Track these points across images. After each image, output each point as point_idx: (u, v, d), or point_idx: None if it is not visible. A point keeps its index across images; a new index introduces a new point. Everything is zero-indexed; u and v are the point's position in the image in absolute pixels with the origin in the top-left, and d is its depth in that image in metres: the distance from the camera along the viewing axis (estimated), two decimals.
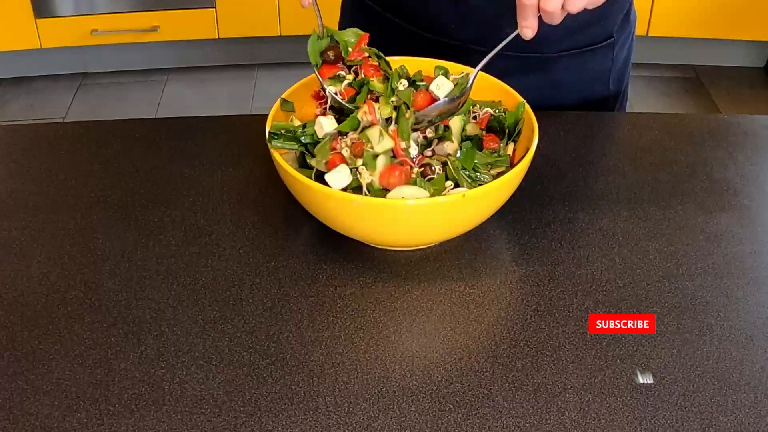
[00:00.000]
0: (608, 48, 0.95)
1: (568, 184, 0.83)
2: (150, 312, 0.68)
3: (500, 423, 0.59)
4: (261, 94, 2.58)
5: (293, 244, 0.75)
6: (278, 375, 0.62)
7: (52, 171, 0.85)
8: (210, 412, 0.60)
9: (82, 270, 0.72)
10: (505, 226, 0.77)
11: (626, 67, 1.01)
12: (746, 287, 0.71)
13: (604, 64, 0.97)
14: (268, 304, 0.69)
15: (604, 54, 0.95)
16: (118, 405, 0.60)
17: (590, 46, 0.94)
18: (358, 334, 0.66)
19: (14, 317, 0.67)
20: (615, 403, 0.61)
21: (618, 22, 0.95)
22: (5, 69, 2.64)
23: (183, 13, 2.50)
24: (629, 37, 0.99)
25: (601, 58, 0.96)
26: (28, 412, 0.59)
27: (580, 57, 0.94)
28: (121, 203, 0.80)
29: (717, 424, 0.59)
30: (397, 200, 0.66)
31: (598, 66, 0.96)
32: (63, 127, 0.93)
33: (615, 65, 0.97)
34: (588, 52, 0.94)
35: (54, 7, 2.45)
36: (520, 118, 0.76)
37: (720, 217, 0.79)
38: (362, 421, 0.59)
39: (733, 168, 0.86)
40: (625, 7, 0.96)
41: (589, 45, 0.94)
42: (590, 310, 0.68)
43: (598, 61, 0.96)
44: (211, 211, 0.79)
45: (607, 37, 0.94)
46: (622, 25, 0.96)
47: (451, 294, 0.70)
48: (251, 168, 0.84)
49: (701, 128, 0.94)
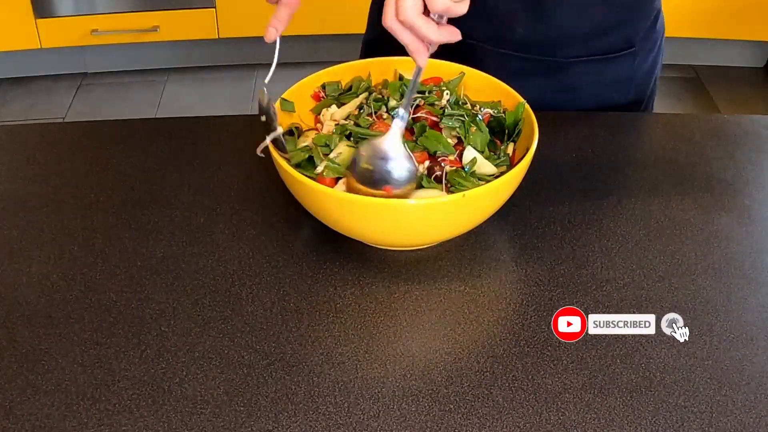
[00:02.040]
0: (629, 57, 0.93)
1: (568, 184, 0.83)
2: (150, 312, 0.68)
3: (500, 423, 0.59)
4: None
5: (293, 244, 0.75)
6: (278, 375, 0.62)
7: (52, 171, 0.85)
8: (210, 412, 0.60)
9: (82, 270, 0.72)
10: (505, 226, 0.77)
11: (651, 76, 0.98)
12: (746, 287, 0.71)
13: (624, 72, 0.94)
14: (268, 304, 0.69)
15: (623, 63, 0.93)
16: (118, 405, 0.60)
17: (608, 54, 0.92)
18: (358, 334, 0.66)
19: (14, 317, 0.67)
20: (615, 403, 0.61)
21: (641, 32, 0.93)
22: (5, 69, 2.64)
23: (183, 13, 2.50)
24: (655, 47, 0.96)
25: (619, 66, 0.93)
26: (28, 412, 0.59)
27: (598, 64, 0.92)
28: (121, 203, 0.80)
29: (717, 424, 0.59)
30: (397, 200, 0.66)
31: (616, 74, 0.94)
32: (63, 127, 0.94)
33: (637, 74, 0.95)
34: (605, 60, 0.92)
35: (54, 7, 2.45)
36: (520, 118, 0.76)
37: (720, 217, 0.79)
38: (362, 421, 0.59)
39: (733, 168, 0.86)
40: (651, 16, 0.94)
41: (607, 53, 0.91)
42: (590, 310, 0.68)
43: (616, 69, 0.93)
44: (211, 211, 0.79)
45: (627, 46, 0.92)
46: (646, 34, 0.93)
47: (451, 294, 0.70)
48: (251, 168, 0.84)
49: (701, 128, 0.94)
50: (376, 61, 0.83)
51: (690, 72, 2.73)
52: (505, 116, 0.77)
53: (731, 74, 2.73)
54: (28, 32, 2.47)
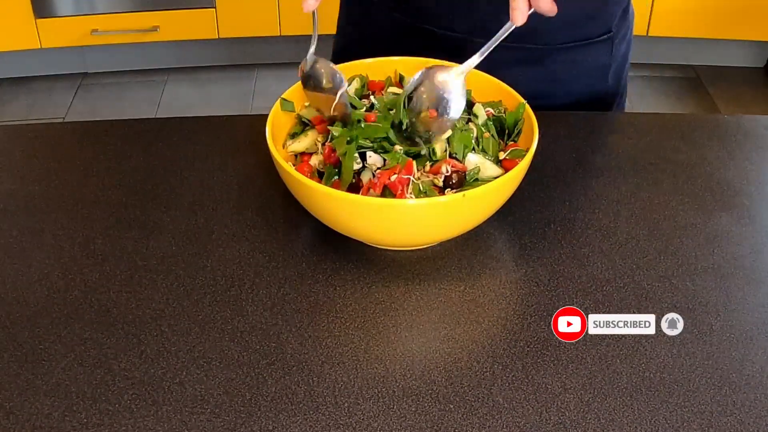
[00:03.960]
0: (607, 42, 0.96)
1: (568, 184, 0.83)
2: (150, 312, 0.68)
3: (500, 423, 0.59)
4: (261, 94, 2.58)
5: (293, 244, 0.75)
6: (278, 375, 0.62)
7: (52, 171, 0.85)
8: (210, 412, 0.60)
9: (82, 270, 0.72)
10: (505, 226, 0.77)
11: (625, 63, 1.01)
12: (746, 287, 0.71)
13: (603, 59, 0.97)
14: (268, 304, 0.69)
15: (603, 49, 0.96)
16: (118, 405, 0.60)
17: (589, 39, 0.94)
18: (358, 334, 0.66)
19: (14, 317, 0.67)
20: (615, 403, 0.61)
21: (617, 18, 0.95)
22: (5, 69, 2.65)
23: (183, 13, 2.50)
24: (627, 33, 0.99)
25: (599, 52, 0.96)
26: (28, 412, 0.59)
27: (579, 51, 0.94)
28: (121, 203, 0.80)
29: (717, 424, 0.59)
30: (397, 200, 0.66)
31: (597, 61, 0.97)
32: (63, 127, 0.94)
33: (614, 60, 0.98)
34: (587, 46, 0.94)
35: (54, 7, 2.45)
36: (520, 118, 0.76)
37: (720, 217, 0.79)
38: (362, 421, 0.59)
39: (733, 168, 0.86)
40: (624, 3, 0.97)
41: (588, 39, 0.94)
42: (590, 310, 0.68)
43: (597, 56, 0.96)
44: (211, 211, 0.79)
45: (605, 31, 0.95)
46: (620, 20, 0.96)
47: (451, 294, 0.70)
48: (251, 168, 0.84)
49: (701, 128, 0.94)
50: (377, 62, 0.83)
51: (690, 72, 2.73)
52: (506, 116, 0.77)
53: (731, 74, 2.73)
54: (28, 32, 2.47)
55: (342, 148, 0.70)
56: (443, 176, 0.69)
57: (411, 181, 0.68)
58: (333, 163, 0.71)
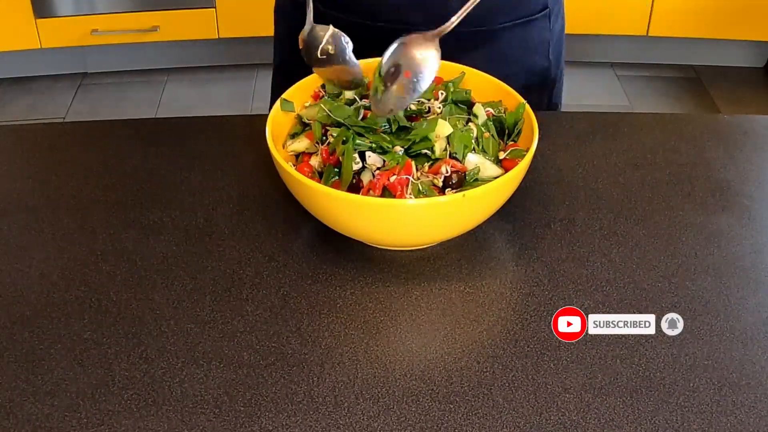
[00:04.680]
0: (545, 19, 1.00)
1: (568, 184, 0.83)
2: (150, 312, 0.68)
3: (500, 423, 0.59)
4: (261, 94, 2.58)
5: (293, 244, 0.75)
6: (278, 375, 0.62)
7: (52, 171, 0.85)
8: (210, 412, 0.60)
9: (82, 270, 0.72)
10: (505, 226, 0.77)
11: (562, 37, 1.06)
12: (746, 287, 0.71)
13: (543, 35, 1.01)
14: (268, 304, 0.69)
15: (542, 25, 1.00)
16: (118, 405, 0.60)
17: (529, 16, 0.98)
18: (358, 334, 0.66)
19: (14, 317, 0.67)
20: (615, 403, 0.61)
21: None
22: (5, 69, 2.64)
23: (183, 13, 2.50)
24: (561, 9, 1.05)
25: (539, 29, 1.00)
26: (28, 412, 0.59)
27: (521, 28, 0.99)
28: (121, 203, 0.80)
29: (717, 424, 0.59)
30: (397, 200, 0.66)
31: (538, 37, 1.01)
32: (63, 127, 0.94)
33: (553, 36, 1.02)
34: (527, 23, 0.99)
35: (54, 7, 2.45)
36: (520, 118, 0.76)
37: (720, 217, 0.79)
38: (362, 421, 0.59)
39: (733, 168, 0.86)
40: None
41: (528, 16, 0.98)
42: (590, 310, 0.68)
43: (537, 32, 1.00)
44: (211, 211, 0.79)
45: (543, 7, 0.99)
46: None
47: (451, 294, 0.70)
48: (251, 168, 0.84)
49: (701, 128, 0.94)
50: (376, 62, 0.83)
51: (690, 72, 2.73)
52: (506, 116, 0.77)
53: (731, 74, 2.73)
54: (28, 32, 2.47)
55: (339, 148, 0.70)
56: (443, 176, 0.69)
57: (410, 181, 0.68)
58: (333, 164, 0.71)
